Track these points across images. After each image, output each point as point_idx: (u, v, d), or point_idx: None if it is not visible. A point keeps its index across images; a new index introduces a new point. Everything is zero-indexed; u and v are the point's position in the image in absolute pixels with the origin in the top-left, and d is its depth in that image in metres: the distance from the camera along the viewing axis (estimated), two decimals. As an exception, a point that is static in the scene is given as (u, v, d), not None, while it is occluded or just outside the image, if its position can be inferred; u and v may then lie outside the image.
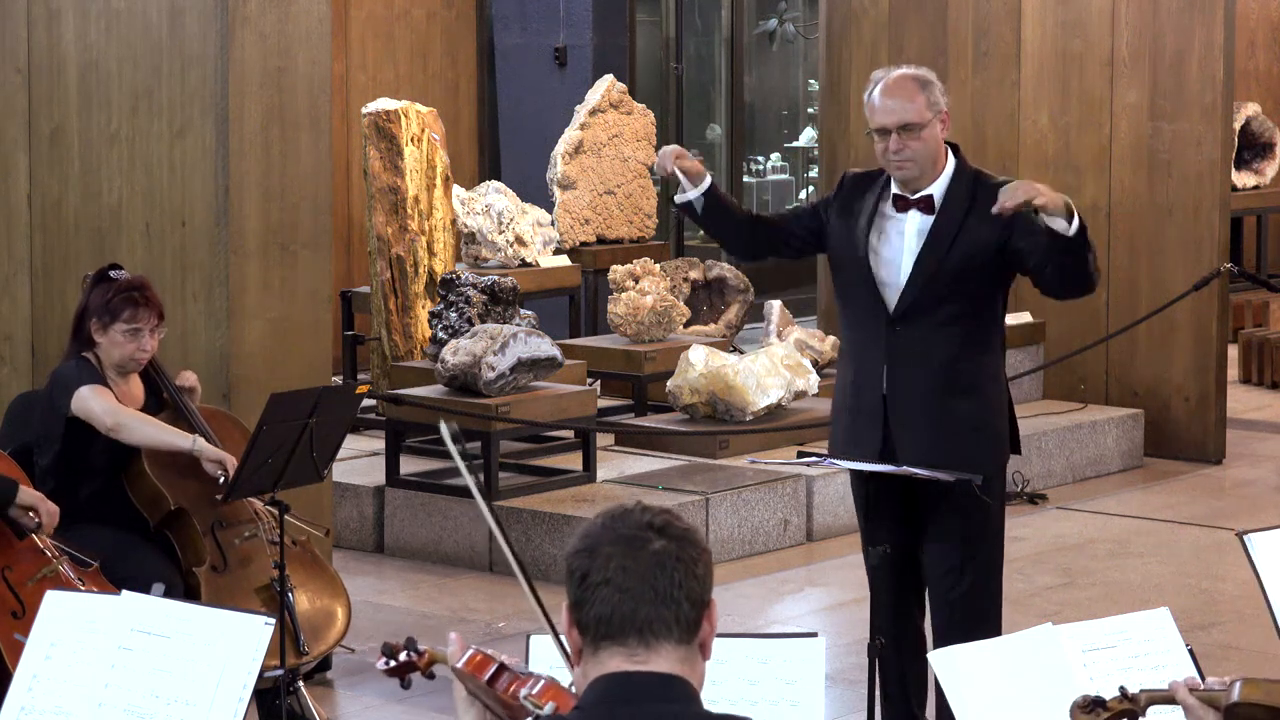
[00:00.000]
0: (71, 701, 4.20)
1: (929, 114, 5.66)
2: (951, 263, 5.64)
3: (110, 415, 6.30)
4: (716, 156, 15.43)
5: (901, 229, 5.72)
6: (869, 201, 5.76)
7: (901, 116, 5.64)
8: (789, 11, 16.23)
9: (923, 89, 5.67)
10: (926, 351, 5.69)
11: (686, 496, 8.82)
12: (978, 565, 5.78)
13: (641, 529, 3.01)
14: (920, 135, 5.63)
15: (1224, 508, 9.81)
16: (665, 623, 2.98)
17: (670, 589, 2.98)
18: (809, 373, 9.88)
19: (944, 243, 5.66)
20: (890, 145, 5.64)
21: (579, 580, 3.00)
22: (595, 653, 3.00)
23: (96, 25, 7.16)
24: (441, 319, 9.66)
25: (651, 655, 2.97)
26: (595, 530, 3.03)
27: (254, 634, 4.21)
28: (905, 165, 5.66)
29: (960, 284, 5.66)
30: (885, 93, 5.68)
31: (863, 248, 5.72)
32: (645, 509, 3.04)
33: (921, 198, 5.70)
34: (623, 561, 2.98)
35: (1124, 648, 4.12)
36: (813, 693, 4.17)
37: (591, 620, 2.99)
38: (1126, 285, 10.85)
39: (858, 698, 6.36)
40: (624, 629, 2.97)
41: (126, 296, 6.37)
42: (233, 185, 6.89)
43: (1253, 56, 15.30)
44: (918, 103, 5.65)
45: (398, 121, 10.28)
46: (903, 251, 5.70)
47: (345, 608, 6.68)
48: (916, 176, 5.68)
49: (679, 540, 3.01)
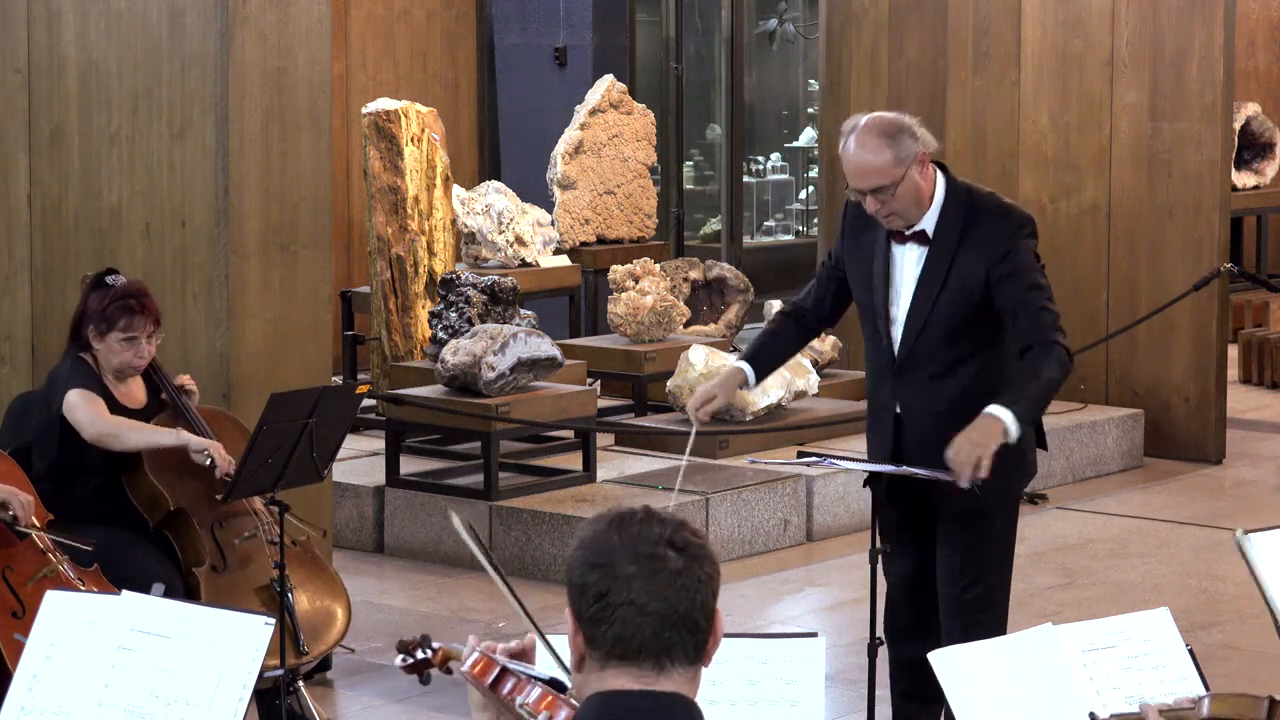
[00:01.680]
0: (71, 701, 4.20)
1: (899, 170, 5.47)
2: (948, 299, 5.56)
3: (92, 426, 6.31)
4: (716, 156, 15.43)
5: (902, 263, 5.64)
6: (879, 234, 5.66)
7: (872, 181, 5.48)
8: (789, 11, 16.23)
9: (890, 143, 5.48)
10: (935, 392, 5.61)
11: (686, 496, 8.82)
12: (984, 572, 5.74)
13: (659, 544, 2.94)
14: (894, 193, 5.49)
15: (1224, 508, 9.81)
16: (684, 647, 2.94)
17: (692, 612, 2.93)
18: (809, 373, 9.88)
19: (938, 276, 5.57)
20: (869, 206, 5.53)
21: (595, 598, 2.93)
22: (602, 668, 2.96)
23: (96, 25, 7.16)
24: (441, 319, 9.66)
25: (661, 678, 2.94)
26: (610, 544, 2.95)
27: (254, 634, 4.21)
28: (890, 219, 5.56)
29: (960, 320, 5.57)
30: (852, 154, 5.52)
31: (876, 283, 5.65)
32: (660, 520, 2.97)
33: (915, 233, 5.60)
34: (646, 585, 2.91)
35: (1124, 648, 4.11)
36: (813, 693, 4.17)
37: (607, 639, 2.93)
38: (1126, 285, 10.86)
39: (858, 698, 6.37)
40: (641, 652, 2.92)
41: (123, 304, 6.37)
42: (233, 185, 6.89)
43: (1253, 56, 15.30)
44: (884, 160, 5.47)
45: (398, 121, 10.28)
46: (903, 285, 5.64)
47: (345, 608, 6.68)
48: (902, 225, 5.57)
49: (696, 558, 2.96)
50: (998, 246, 5.53)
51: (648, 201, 11.91)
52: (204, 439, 6.39)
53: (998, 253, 5.52)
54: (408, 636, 3.43)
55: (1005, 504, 5.72)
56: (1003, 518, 5.75)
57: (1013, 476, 5.68)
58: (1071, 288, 10.82)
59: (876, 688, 5.68)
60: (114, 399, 6.46)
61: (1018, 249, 5.54)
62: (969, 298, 5.54)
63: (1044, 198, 10.97)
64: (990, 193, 5.76)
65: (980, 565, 5.72)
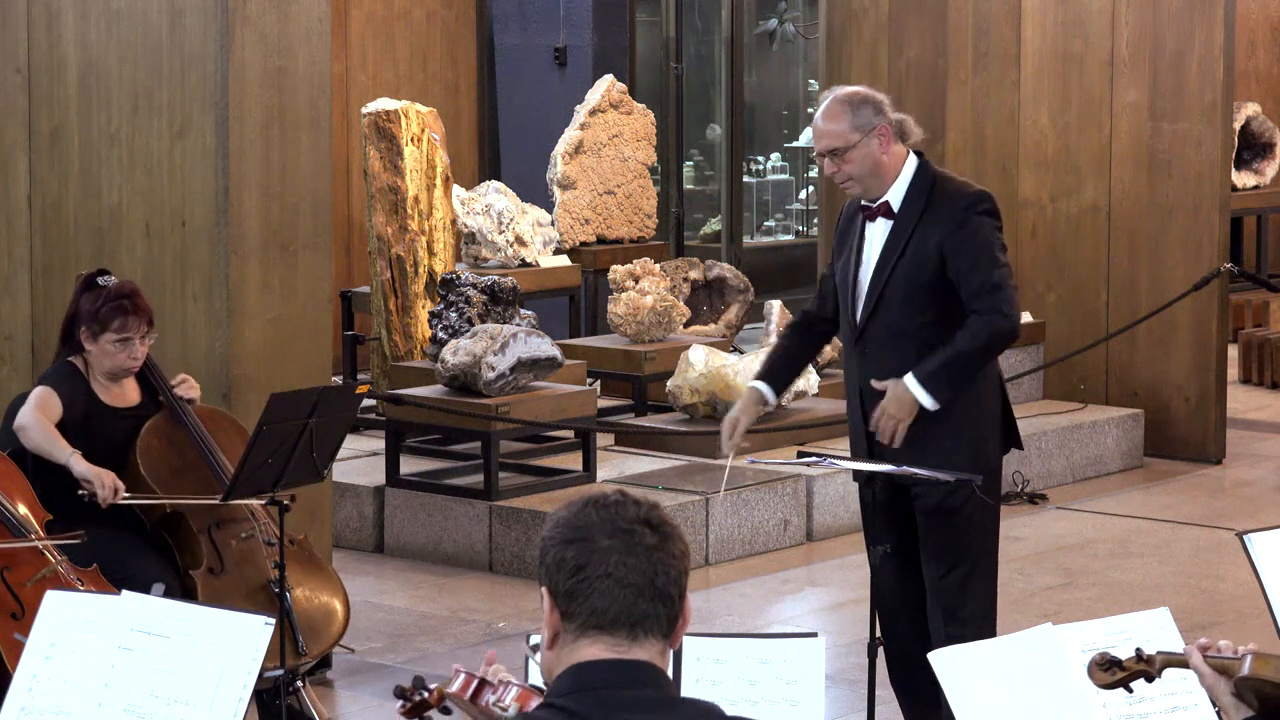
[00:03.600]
0: (71, 701, 4.20)
1: (855, 136, 5.78)
2: (904, 268, 5.76)
3: (24, 415, 6.31)
4: (716, 156, 15.43)
5: (870, 238, 5.87)
6: (857, 220, 5.93)
7: (827, 143, 5.82)
8: (789, 11, 16.23)
9: (851, 111, 5.82)
10: (888, 364, 5.79)
11: (686, 496, 8.82)
12: (958, 560, 5.85)
13: (637, 523, 3.02)
14: (848, 157, 5.79)
15: (1224, 508, 9.81)
16: (659, 619, 3.00)
17: (667, 586, 3.01)
18: (809, 373, 9.88)
19: (898, 247, 5.79)
20: (826, 169, 5.86)
21: (573, 570, 3.00)
22: (577, 639, 3.00)
23: (96, 25, 7.16)
24: (441, 319, 9.66)
25: (635, 647, 3.00)
26: (587, 520, 3.03)
27: (254, 634, 4.21)
28: (846, 185, 5.85)
29: (917, 290, 5.77)
30: (816, 117, 5.88)
31: (850, 259, 5.88)
32: (634, 501, 3.06)
33: (881, 204, 5.84)
34: (624, 557, 2.99)
35: (1124, 648, 4.11)
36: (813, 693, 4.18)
37: (585, 610, 2.99)
38: (1126, 285, 10.86)
39: (858, 698, 6.37)
40: (618, 622, 2.99)
41: (116, 305, 6.35)
42: (233, 185, 6.89)
43: (1253, 56, 15.30)
44: (841, 126, 5.79)
45: (398, 121, 10.28)
46: (869, 258, 5.86)
47: (344, 607, 6.68)
48: (861, 193, 5.83)
49: (670, 537, 3.05)
50: (952, 219, 5.76)
51: (648, 201, 11.91)
52: (90, 470, 6.25)
53: (952, 224, 5.75)
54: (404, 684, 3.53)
55: (972, 497, 5.77)
56: (974, 509, 5.82)
57: (971, 466, 5.75)
58: (1071, 288, 10.83)
59: (876, 688, 5.68)
60: (101, 402, 6.44)
61: (971, 222, 5.76)
62: (924, 268, 5.75)
63: (1044, 198, 10.97)
64: (961, 179, 6.01)
65: (955, 553, 5.84)
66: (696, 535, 8.76)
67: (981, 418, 5.84)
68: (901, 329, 5.78)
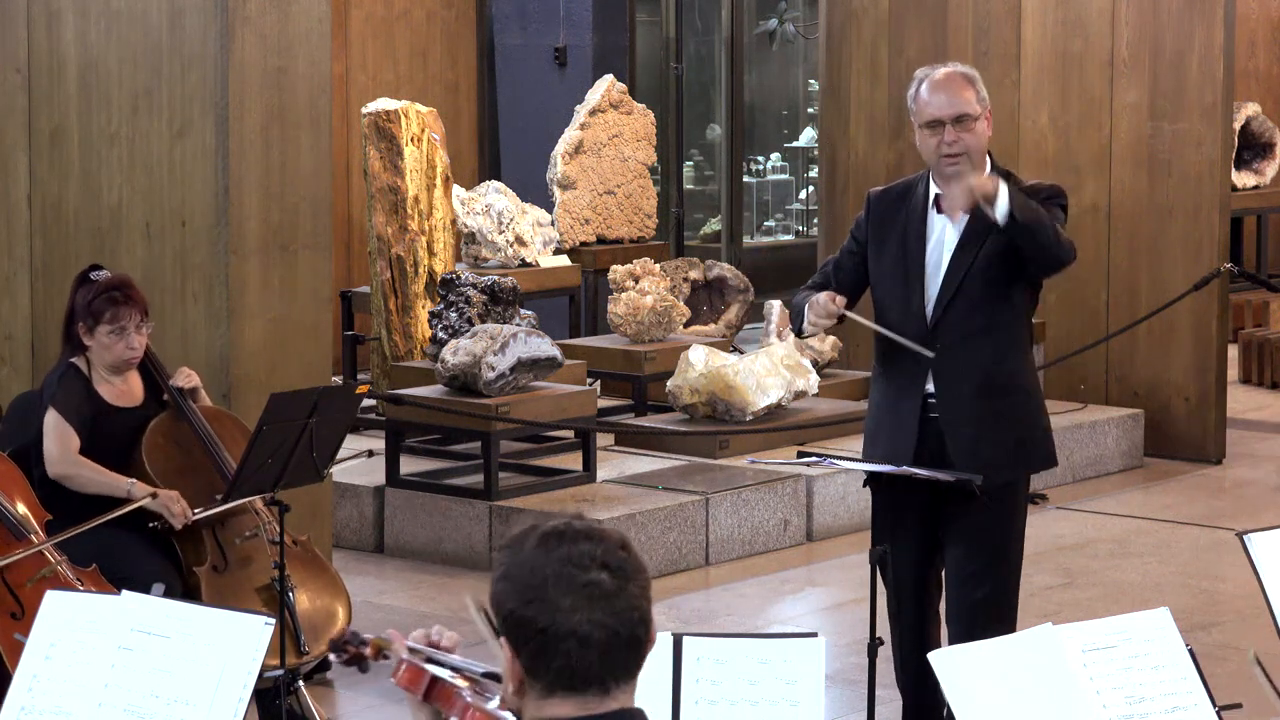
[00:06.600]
0: (71, 701, 4.19)
1: (979, 107, 5.67)
2: (981, 263, 5.64)
3: (57, 464, 6.33)
4: (716, 156, 15.44)
5: (943, 233, 5.71)
6: (913, 207, 5.74)
7: (958, 108, 5.63)
8: (789, 11, 16.23)
9: (971, 84, 5.69)
10: (968, 355, 5.66)
11: (686, 496, 8.82)
12: (999, 569, 5.73)
13: (593, 567, 2.87)
14: (973, 128, 5.64)
15: (1224, 508, 9.81)
16: (628, 666, 2.89)
17: (634, 630, 2.88)
18: (809, 373, 9.88)
19: (977, 242, 5.65)
20: (945, 137, 5.64)
21: (537, 633, 2.86)
22: (546, 697, 2.89)
23: (96, 25, 7.16)
24: (441, 319, 9.66)
25: (607, 700, 2.89)
26: (540, 573, 2.88)
27: (254, 634, 4.21)
28: (958, 159, 5.64)
29: (992, 284, 5.65)
30: (936, 88, 5.66)
31: (911, 248, 5.71)
32: (585, 535, 2.90)
33: None
34: (588, 614, 2.85)
35: (1124, 648, 4.11)
36: (813, 693, 4.18)
37: (550, 672, 2.87)
38: (1126, 285, 10.86)
39: (858, 698, 6.37)
40: (588, 682, 2.87)
41: (108, 297, 6.39)
42: (233, 185, 6.89)
43: (1253, 56, 15.30)
44: (969, 95, 5.66)
45: (398, 121, 10.28)
46: (944, 253, 5.71)
47: (345, 607, 6.68)
48: (962, 171, 5.61)
49: (629, 576, 2.89)
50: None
51: (648, 201, 11.90)
52: (158, 500, 6.30)
53: None
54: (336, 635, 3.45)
55: (1006, 496, 5.71)
56: (1008, 513, 5.73)
57: (1013, 463, 5.70)
58: (1071, 288, 10.82)
59: (876, 688, 5.68)
60: (105, 402, 6.45)
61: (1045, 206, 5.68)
62: (1007, 259, 5.62)
63: (1044, 198, 10.96)
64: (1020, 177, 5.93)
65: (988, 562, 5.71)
66: (696, 535, 8.76)
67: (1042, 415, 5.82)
68: (980, 325, 5.66)
